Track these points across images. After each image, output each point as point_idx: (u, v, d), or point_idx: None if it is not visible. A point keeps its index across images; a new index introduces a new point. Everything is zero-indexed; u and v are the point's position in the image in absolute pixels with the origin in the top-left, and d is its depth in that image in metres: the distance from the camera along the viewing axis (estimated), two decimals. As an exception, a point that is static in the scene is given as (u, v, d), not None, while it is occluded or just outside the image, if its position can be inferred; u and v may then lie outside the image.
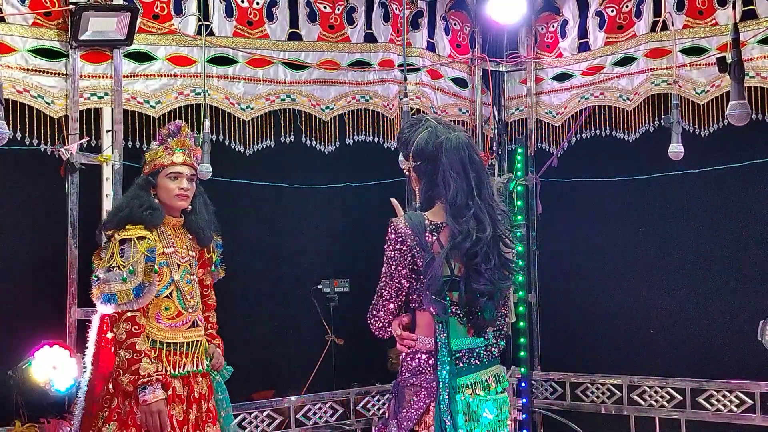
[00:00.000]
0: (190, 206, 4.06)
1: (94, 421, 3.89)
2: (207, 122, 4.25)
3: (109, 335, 3.90)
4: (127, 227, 3.87)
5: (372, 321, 3.09)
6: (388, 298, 3.05)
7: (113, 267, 3.81)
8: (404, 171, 3.19)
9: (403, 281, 3.02)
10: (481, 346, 3.09)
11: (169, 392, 3.85)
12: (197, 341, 4.02)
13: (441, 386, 2.96)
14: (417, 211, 3.14)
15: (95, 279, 3.88)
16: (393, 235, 3.02)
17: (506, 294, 3.19)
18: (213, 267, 4.21)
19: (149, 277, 3.83)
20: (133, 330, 3.77)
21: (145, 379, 3.73)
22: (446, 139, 3.03)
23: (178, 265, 3.96)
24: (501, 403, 3.08)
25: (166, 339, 3.90)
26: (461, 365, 3.02)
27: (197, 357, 4.00)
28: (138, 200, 3.92)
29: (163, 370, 3.84)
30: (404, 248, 3.00)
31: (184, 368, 3.93)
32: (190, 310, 3.98)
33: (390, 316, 3.07)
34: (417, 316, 3.07)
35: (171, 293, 3.92)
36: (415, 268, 3.01)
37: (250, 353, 5.59)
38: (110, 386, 3.87)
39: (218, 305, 4.26)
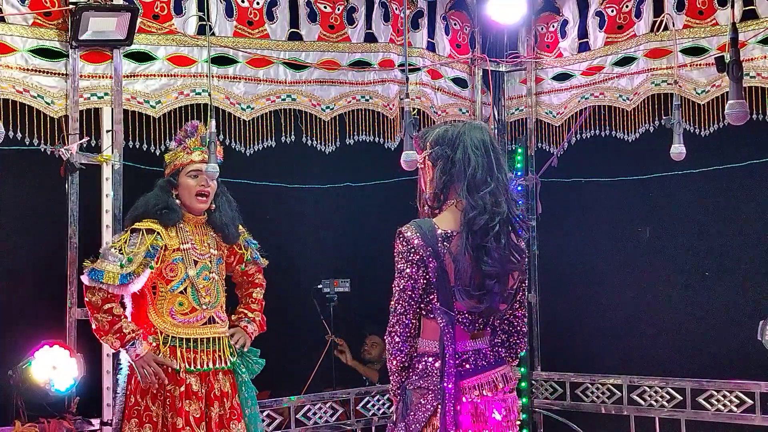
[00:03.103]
0: (214, 204, 4.14)
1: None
2: (213, 122, 4.26)
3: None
4: (143, 221, 4.04)
5: (388, 339, 3.00)
6: (402, 312, 2.95)
7: (115, 249, 3.97)
8: (418, 164, 3.15)
9: (417, 293, 2.94)
10: (488, 346, 3.07)
11: (182, 389, 3.90)
12: (215, 338, 4.06)
13: (446, 398, 2.92)
14: (425, 209, 3.09)
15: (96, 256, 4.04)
16: (404, 247, 2.94)
17: (522, 287, 3.13)
18: (252, 257, 4.36)
19: (140, 269, 3.93)
20: (108, 297, 3.92)
21: (132, 335, 3.88)
22: (468, 124, 3.09)
23: (195, 262, 4.05)
24: (509, 403, 3.06)
25: (179, 334, 3.99)
26: (468, 367, 2.99)
27: (217, 354, 4.04)
28: (154, 200, 4.08)
29: (177, 366, 3.91)
30: (417, 259, 2.92)
31: (200, 365, 3.97)
32: (204, 307, 4.04)
33: (407, 330, 2.96)
34: (422, 322, 3.03)
35: (185, 289, 4.02)
36: (428, 278, 2.94)
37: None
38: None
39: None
